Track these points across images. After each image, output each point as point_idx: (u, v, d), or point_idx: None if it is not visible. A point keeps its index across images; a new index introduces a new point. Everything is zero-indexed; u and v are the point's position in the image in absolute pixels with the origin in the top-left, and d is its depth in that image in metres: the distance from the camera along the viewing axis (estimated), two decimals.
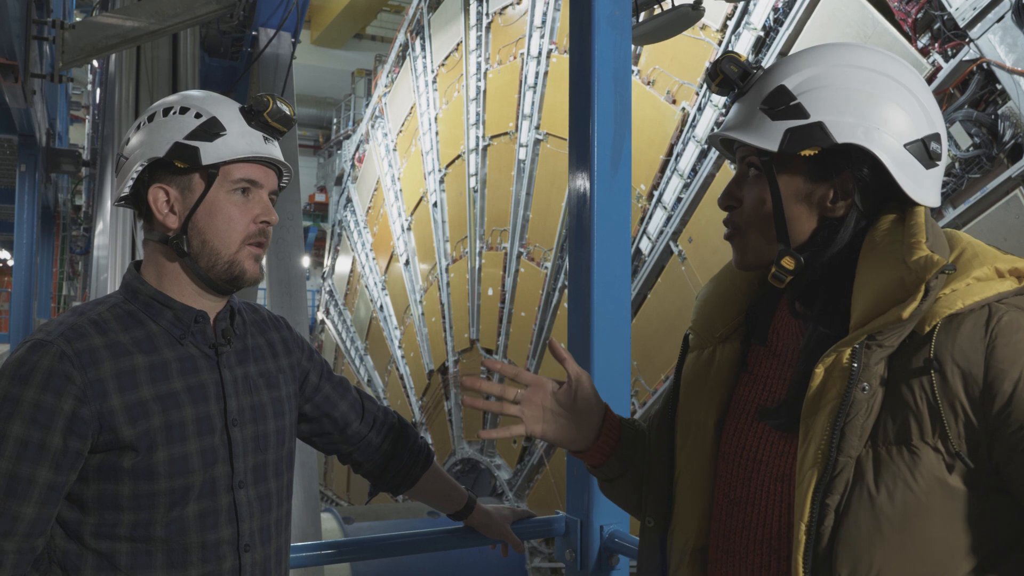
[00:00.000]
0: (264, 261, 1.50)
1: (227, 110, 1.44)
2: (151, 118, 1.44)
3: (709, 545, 1.25)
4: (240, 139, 1.42)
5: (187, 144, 1.39)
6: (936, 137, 1.14)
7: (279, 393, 1.53)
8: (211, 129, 1.40)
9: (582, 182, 2.09)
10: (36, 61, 5.66)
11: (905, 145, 1.12)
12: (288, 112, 1.46)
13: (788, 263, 1.16)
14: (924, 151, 1.12)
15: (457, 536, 1.92)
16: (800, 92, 1.13)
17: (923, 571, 1.04)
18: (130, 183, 1.43)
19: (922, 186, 1.13)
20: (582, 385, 1.37)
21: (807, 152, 1.12)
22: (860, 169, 1.13)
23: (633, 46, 4.50)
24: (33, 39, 5.23)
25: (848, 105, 1.11)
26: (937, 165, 1.15)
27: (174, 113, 1.42)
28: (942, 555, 1.04)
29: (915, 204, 1.13)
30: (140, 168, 1.41)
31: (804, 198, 1.15)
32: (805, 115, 1.12)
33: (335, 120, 21.20)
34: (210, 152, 1.39)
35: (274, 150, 1.47)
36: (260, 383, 1.50)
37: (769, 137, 1.14)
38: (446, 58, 11.90)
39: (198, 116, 1.41)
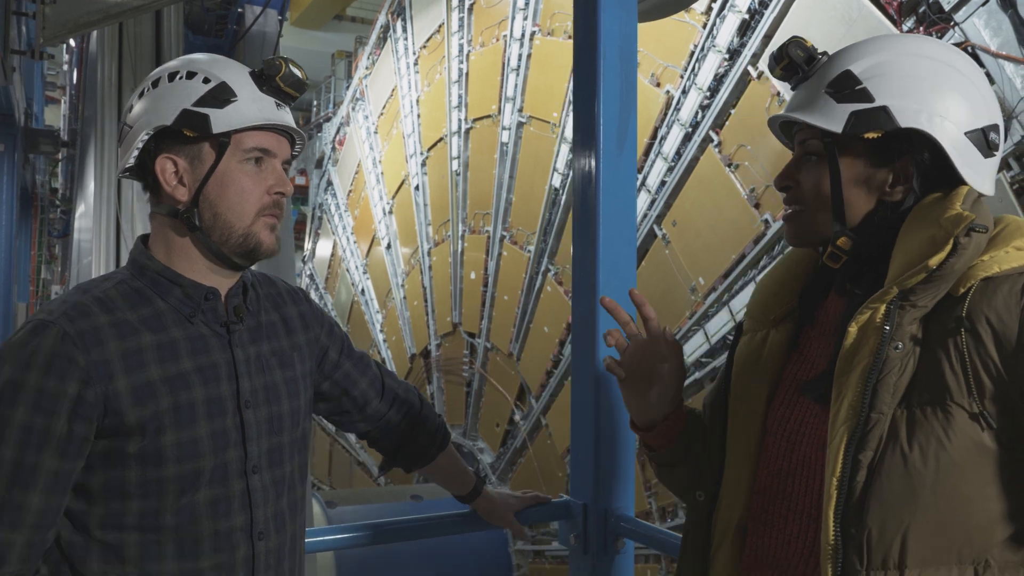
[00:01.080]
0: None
1: (236, 75, 1.35)
2: (155, 84, 1.35)
3: (749, 519, 1.27)
4: (252, 105, 1.33)
5: (196, 111, 1.31)
6: (995, 127, 1.18)
7: (293, 372, 1.47)
8: (221, 95, 1.32)
9: (587, 161, 2.06)
10: (15, 37, 5.55)
11: (966, 133, 1.15)
12: (301, 76, 1.38)
13: (844, 243, 1.19)
14: (983, 140, 1.16)
15: (468, 521, 1.93)
16: (866, 77, 1.17)
17: (953, 532, 1.06)
18: (135, 153, 1.35)
19: (979, 173, 1.16)
20: (669, 360, 1.36)
21: (870, 135, 1.15)
22: (921, 154, 1.16)
23: None
24: (13, 14, 5.12)
25: (913, 92, 1.15)
26: (995, 155, 1.18)
27: (180, 78, 1.33)
28: (975, 518, 1.06)
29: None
30: (146, 137, 1.33)
31: (864, 181, 1.19)
32: (870, 99, 1.15)
33: (315, 102, 20.95)
34: (221, 120, 1.31)
35: (287, 117, 1.39)
36: (273, 362, 1.43)
37: (834, 119, 1.17)
38: (428, 40, 11.82)
39: (206, 81, 1.32)
